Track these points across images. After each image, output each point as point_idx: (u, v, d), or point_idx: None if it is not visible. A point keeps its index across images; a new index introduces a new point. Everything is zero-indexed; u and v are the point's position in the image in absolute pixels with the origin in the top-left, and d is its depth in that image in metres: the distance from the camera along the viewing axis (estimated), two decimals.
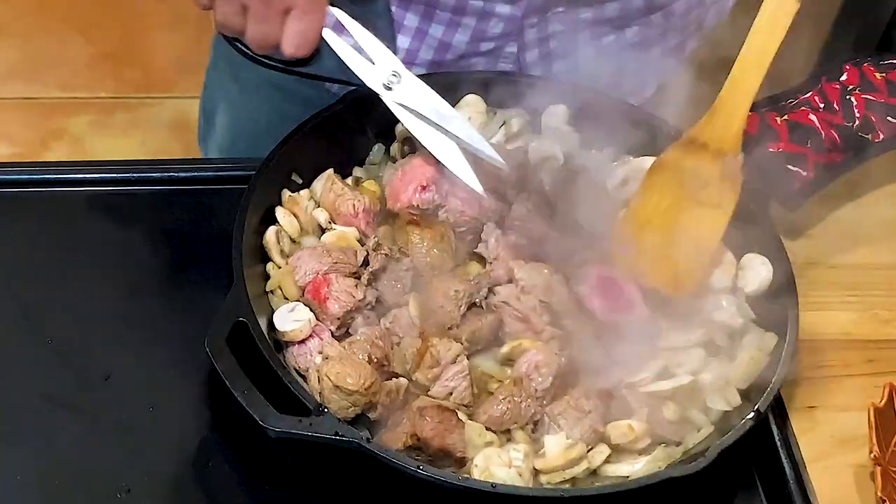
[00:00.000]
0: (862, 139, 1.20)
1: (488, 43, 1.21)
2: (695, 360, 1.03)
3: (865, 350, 1.12)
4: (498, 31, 1.20)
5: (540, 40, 1.22)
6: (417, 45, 1.21)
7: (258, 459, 0.99)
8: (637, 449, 0.98)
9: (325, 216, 1.09)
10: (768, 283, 1.07)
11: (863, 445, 1.00)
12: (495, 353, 1.03)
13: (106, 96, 2.52)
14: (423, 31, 1.20)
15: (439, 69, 1.23)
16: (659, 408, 1.00)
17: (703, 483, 0.94)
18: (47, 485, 0.97)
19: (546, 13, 1.20)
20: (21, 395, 1.02)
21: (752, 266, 1.08)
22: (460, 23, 1.19)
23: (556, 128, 1.17)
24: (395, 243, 1.06)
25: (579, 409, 0.98)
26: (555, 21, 1.21)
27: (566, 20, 1.22)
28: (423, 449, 0.93)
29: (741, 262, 1.08)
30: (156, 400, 1.02)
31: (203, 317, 0.98)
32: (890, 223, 1.25)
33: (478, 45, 1.21)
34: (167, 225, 1.16)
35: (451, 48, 1.22)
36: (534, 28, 1.21)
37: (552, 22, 1.22)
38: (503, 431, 0.98)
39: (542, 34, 1.22)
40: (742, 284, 1.08)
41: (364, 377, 0.94)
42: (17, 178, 1.18)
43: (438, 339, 0.99)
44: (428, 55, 1.22)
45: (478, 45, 1.21)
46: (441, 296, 1.02)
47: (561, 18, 1.22)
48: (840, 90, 1.21)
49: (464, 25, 1.19)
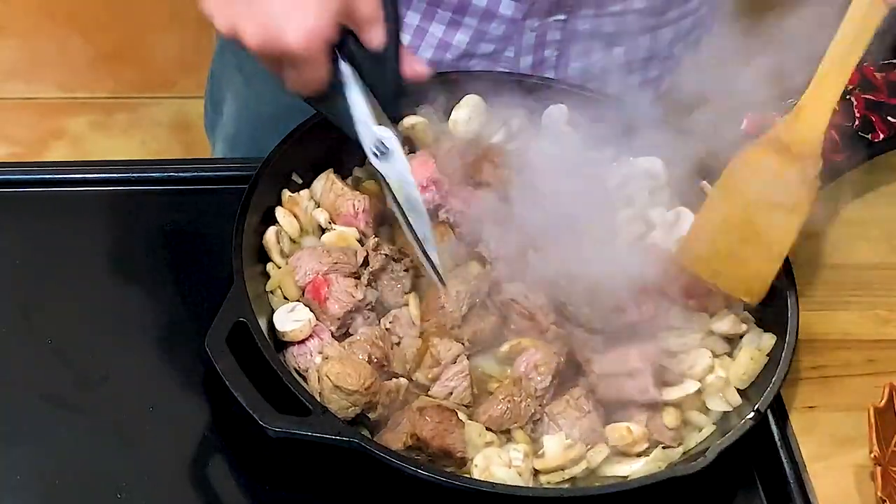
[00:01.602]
0: (862, 139, 1.20)
1: (488, 45, 1.21)
2: (702, 364, 1.02)
3: (865, 350, 1.12)
4: (499, 33, 1.20)
5: (536, 47, 1.23)
6: (418, 42, 1.22)
7: (258, 459, 0.99)
8: (635, 452, 0.98)
9: (325, 216, 1.09)
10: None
11: (863, 445, 1.00)
12: (496, 353, 1.03)
13: (106, 96, 2.52)
14: (424, 29, 1.21)
15: (440, 68, 1.23)
16: (659, 413, 1.00)
17: (703, 483, 0.94)
18: (47, 485, 0.97)
19: (548, 18, 1.20)
20: (21, 395, 1.02)
21: None
22: (461, 22, 1.19)
23: (556, 128, 1.17)
24: (395, 244, 1.06)
25: (579, 408, 0.98)
26: (553, 29, 1.22)
27: (564, 29, 1.22)
28: (422, 449, 0.93)
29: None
30: (155, 400, 1.02)
31: (203, 317, 0.98)
32: (890, 223, 1.25)
33: (477, 45, 1.21)
34: (167, 225, 1.16)
35: (451, 48, 1.22)
36: (533, 33, 1.22)
37: (551, 29, 1.22)
38: (503, 431, 0.98)
39: (540, 41, 1.22)
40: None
41: (364, 377, 0.94)
42: (17, 178, 1.18)
43: (439, 339, 0.99)
44: (427, 53, 1.22)
45: (477, 45, 1.21)
46: (442, 296, 1.02)
47: (560, 27, 1.22)
48: None
49: (465, 25, 1.20)
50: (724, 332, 1.05)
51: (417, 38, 1.21)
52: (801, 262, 1.14)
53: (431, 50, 1.22)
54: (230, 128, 1.44)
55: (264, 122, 1.36)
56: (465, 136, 1.15)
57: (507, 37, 1.21)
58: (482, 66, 1.24)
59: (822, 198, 1.19)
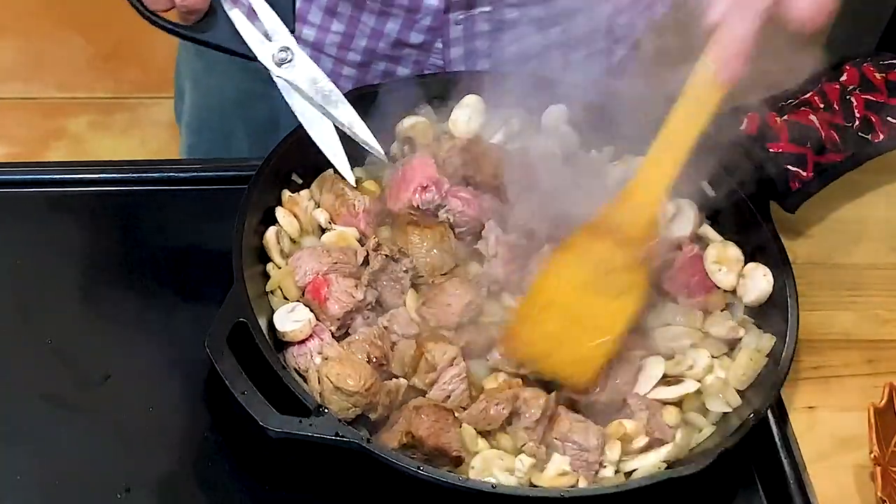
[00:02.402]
0: (862, 139, 1.20)
1: (418, 35, 1.22)
2: (701, 364, 1.02)
3: (865, 350, 1.12)
4: (427, 24, 1.21)
5: (465, 38, 1.23)
6: (352, 30, 1.22)
7: (258, 459, 0.99)
8: (634, 449, 0.98)
9: (325, 216, 1.09)
10: (767, 295, 1.06)
11: (863, 445, 1.00)
12: (486, 362, 1.02)
13: (106, 96, 2.52)
14: (356, 18, 1.21)
15: (373, 56, 1.24)
16: (659, 412, 1.00)
17: (703, 483, 0.94)
18: (47, 485, 0.97)
19: (472, 11, 1.21)
20: (21, 395, 1.02)
21: (753, 276, 1.07)
22: (390, 13, 1.20)
23: (556, 128, 1.17)
24: (395, 244, 1.06)
25: (582, 447, 0.96)
26: (480, 21, 1.22)
27: (492, 20, 1.22)
28: (417, 447, 0.93)
29: (743, 271, 1.08)
30: (155, 400, 1.02)
31: (203, 317, 0.98)
32: (890, 223, 1.25)
33: (408, 34, 1.21)
34: (167, 225, 1.16)
35: (383, 36, 1.22)
36: (459, 26, 1.22)
37: (478, 21, 1.22)
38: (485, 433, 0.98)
39: (469, 32, 1.22)
40: (741, 293, 1.07)
41: (364, 378, 0.94)
42: (17, 178, 1.18)
43: (434, 344, 0.99)
44: (362, 42, 1.23)
45: (408, 34, 1.21)
46: (447, 296, 1.02)
47: (487, 18, 1.22)
48: (840, 90, 1.21)
49: (394, 16, 1.20)
50: (721, 337, 1.05)
51: (351, 26, 1.22)
52: (801, 262, 1.14)
53: (365, 39, 1.23)
54: (193, 114, 1.45)
55: (226, 107, 1.36)
56: (465, 136, 1.15)
57: (436, 28, 1.21)
58: (416, 55, 1.24)
59: (822, 198, 1.20)
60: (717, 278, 1.07)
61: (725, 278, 1.07)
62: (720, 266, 1.08)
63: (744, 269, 1.08)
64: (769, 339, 1.04)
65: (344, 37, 1.23)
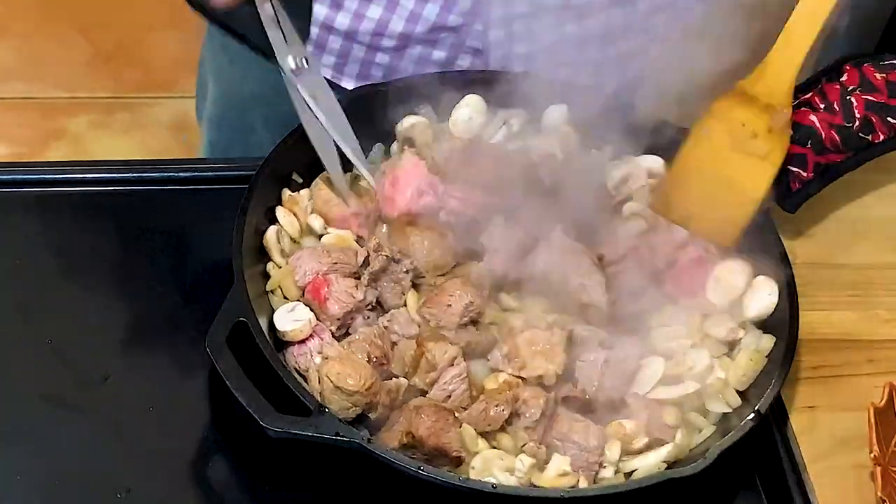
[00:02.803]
0: (862, 139, 1.20)
1: (457, 17, 1.21)
2: (702, 364, 1.02)
3: (865, 350, 1.12)
4: (467, 7, 1.20)
5: (505, 20, 1.22)
6: (389, 15, 1.21)
7: (258, 459, 0.99)
8: (634, 449, 0.98)
9: (319, 222, 1.08)
10: (769, 313, 1.06)
11: (863, 445, 1.00)
12: (486, 362, 1.02)
13: (106, 96, 2.52)
14: (395, 1, 1.20)
15: (408, 43, 1.23)
16: (660, 412, 1.00)
17: (703, 484, 0.94)
18: (47, 485, 0.97)
19: None
20: (21, 395, 1.02)
21: (758, 290, 1.07)
22: None
23: (556, 128, 1.17)
24: (395, 245, 1.06)
25: (582, 447, 0.97)
26: (521, 2, 1.22)
27: (531, 3, 1.22)
28: (418, 447, 0.93)
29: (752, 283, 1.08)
30: (155, 400, 1.02)
31: (203, 317, 0.98)
32: (890, 223, 1.25)
33: (447, 17, 1.21)
34: (167, 225, 1.16)
35: (421, 19, 1.21)
36: (500, 6, 1.21)
37: (518, 2, 1.22)
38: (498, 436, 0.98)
39: (508, 12, 1.21)
40: (745, 304, 1.07)
41: (364, 378, 0.94)
42: (17, 178, 1.18)
43: (434, 343, 0.99)
44: (398, 26, 1.22)
45: (447, 17, 1.21)
46: (447, 296, 1.02)
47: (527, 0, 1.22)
48: (840, 90, 1.21)
49: None
50: (721, 337, 1.05)
51: (389, 10, 1.21)
52: (801, 262, 1.14)
53: (402, 22, 1.22)
54: (215, 108, 1.44)
55: (247, 102, 1.36)
56: (465, 136, 1.15)
57: (475, 11, 1.20)
58: (453, 39, 1.23)
59: (822, 198, 1.20)
60: (709, 294, 1.08)
61: (716, 296, 1.07)
62: (719, 282, 1.08)
63: (752, 281, 1.08)
64: (769, 339, 1.04)
65: (379, 22, 1.22)
